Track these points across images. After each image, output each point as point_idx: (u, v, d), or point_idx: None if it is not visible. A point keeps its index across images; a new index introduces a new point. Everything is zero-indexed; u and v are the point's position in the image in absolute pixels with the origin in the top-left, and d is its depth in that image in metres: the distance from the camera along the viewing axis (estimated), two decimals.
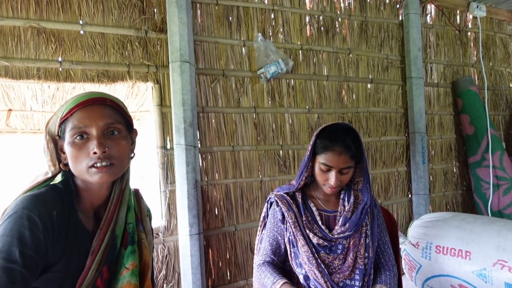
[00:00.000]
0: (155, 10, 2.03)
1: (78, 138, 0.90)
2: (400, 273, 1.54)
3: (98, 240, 0.93)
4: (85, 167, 0.90)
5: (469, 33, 3.29)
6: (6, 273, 0.74)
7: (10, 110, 2.25)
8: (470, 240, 1.80)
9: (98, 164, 0.89)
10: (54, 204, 0.88)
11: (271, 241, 1.47)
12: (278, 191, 1.53)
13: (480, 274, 1.72)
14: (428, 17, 3.09)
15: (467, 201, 3.23)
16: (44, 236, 0.82)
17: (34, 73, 1.75)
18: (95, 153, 0.88)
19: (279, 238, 1.46)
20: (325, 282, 1.33)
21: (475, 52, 3.33)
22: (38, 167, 1.03)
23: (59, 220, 0.86)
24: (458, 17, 3.23)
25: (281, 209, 1.45)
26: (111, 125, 0.92)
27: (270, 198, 1.55)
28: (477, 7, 3.10)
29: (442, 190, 3.09)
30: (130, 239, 1.01)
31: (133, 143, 1.05)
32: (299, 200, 1.47)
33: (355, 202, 1.45)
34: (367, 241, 1.40)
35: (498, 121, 3.40)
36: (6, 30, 1.71)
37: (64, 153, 0.94)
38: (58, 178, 0.97)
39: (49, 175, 0.95)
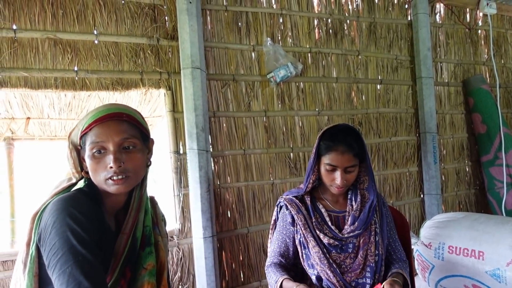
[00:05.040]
0: (166, 18, 2.08)
1: (96, 152, 0.97)
2: (412, 273, 1.55)
3: (122, 244, 1.00)
4: (103, 179, 0.97)
5: (479, 31, 3.26)
6: (82, 263, 0.83)
7: (28, 118, 2.33)
8: (483, 241, 1.80)
9: (115, 177, 0.96)
10: (86, 204, 0.95)
11: (279, 244, 1.50)
12: (287, 195, 1.56)
13: (494, 274, 1.71)
14: (437, 16, 3.08)
15: (481, 200, 3.20)
16: (91, 226, 0.90)
17: (51, 83, 1.81)
18: (111, 167, 0.95)
19: (288, 241, 1.49)
20: (338, 281, 1.35)
21: (486, 50, 3.30)
22: (55, 172, 1.09)
23: (93, 218, 0.93)
24: (468, 15, 3.21)
25: (290, 212, 1.48)
26: (126, 140, 0.98)
27: (279, 202, 1.58)
28: (487, 4, 3.07)
29: (455, 189, 3.07)
30: (147, 241, 1.08)
31: (149, 152, 1.11)
32: (308, 202, 1.50)
33: (362, 201, 1.48)
34: (377, 238, 1.43)
35: (511, 119, 3.36)
36: (25, 42, 1.78)
37: (85, 161, 1.00)
38: (81, 183, 1.03)
39: (73, 180, 1.02)
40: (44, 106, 2.17)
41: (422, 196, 2.91)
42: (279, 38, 2.41)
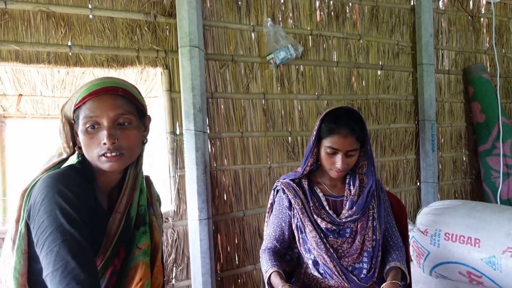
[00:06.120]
0: None
1: (90, 127, 0.93)
2: (408, 259, 1.55)
3: (115, 223, 0.98)
4: (96, 155, 0.93)
5: (482, 19, 3.22)
6: (70, 242, 0.81)
7: (20, 95, 2.27)
8: (480, 228, 1.80)
9: (108, 154, 0.92)
10: (77, 182, 0.91)
11: (275, 228, 1.49)
12: (284, 179, 1.54)
13: (489, 261, 1.72)
14: (440, 2, 3.02)
15: (476, 189, 3.21)
16: (81, 205, 0.88)
17: (44, 58, 1.75)
18: (105, 143, 0.91)
19: (284, 225, 1.47)
20: (334, 266, 1.34)
21: (487, 39, 3.26)
22: (48, 152, 1.05)
23: (83, 197, 0.90)
24: (471, 2, 3.16)
25: (287, 196, 1.46)
26: (121, 115, 0.95)
27: (276, 186, 1.56)
28: None
29: (451, 178, 3.07)
30: (142, 220, 1.06)
31: (146, 129, 1.07)
32: (306, 186, 1.48)
33: (361, 185, 1.47)
34: (374, 224, 1.43)
35: (510, 109, 3.35)
36: (16, 14, 1.71)
37: (78, 136, 0.97)
38: (73, 159, 1.00)
39: (64, 156, 0.98)
40: (37, 82, 2.11)
41: (418, 184, 2.91)
42: (280, 19, 2.35)
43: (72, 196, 0.86)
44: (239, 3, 2.22)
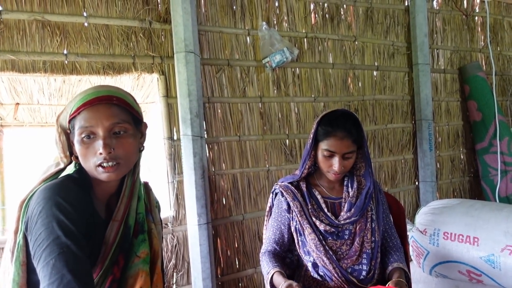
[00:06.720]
0: (158, 0, 2.01)
1: (85, 137, 0.93)
2: (408, 259, 1.56)
3: (113, 231, 0.97)
4: (93, 165, 0.93)
5: (476, 18, 3.24)
6: (67, 255, 0.81)
7: (17, 104, 2.27)
8: (478, 226, 1.81)
9: (105, 164, 0.92)
10: (74, 192, 0.91)
11: (274, 231, 1.50)
12: (282, 182, 1.55)
13: (488, 259, 1.72)
14: (434, 2, 3.04)
15: (475, 187, 3.22)
16: (78, 216, 0.88)
17: (40, 67, 1.75)
18: (101, 153, 0.91)
19: (283, 228, 1.48)
20: (334, 268, 1.35)
21: (482, 37, 3.27)
22: (46, 160, 1.05)
23: (80, 208, 0.90)
24: (465, 1, 3.17)
25: (286, 199, 1.47)
26: (117, 124, 0.94)
27: (275, 189, 1.57)
28: None
29: (449, 177, 3.08)
30: (140, 228, 1.06)
31: (142, 136, 1.07)
32: (304, 189, 1.49)
33: (359, 187, 1.48)
34: (373, 225, 1.43)
35: (506, 107, 3.36)
36: (11, 23, 1.71)
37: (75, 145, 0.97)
38: (71, 169, 1.00)
39: (61, 166, 0.98)
40: (34, 91, 2.11)
41: (417, 183, 2.92)
42: (275, 22, 2.35)
43: (69, 207, 0.86)
44: (234, 7, 2.23)
